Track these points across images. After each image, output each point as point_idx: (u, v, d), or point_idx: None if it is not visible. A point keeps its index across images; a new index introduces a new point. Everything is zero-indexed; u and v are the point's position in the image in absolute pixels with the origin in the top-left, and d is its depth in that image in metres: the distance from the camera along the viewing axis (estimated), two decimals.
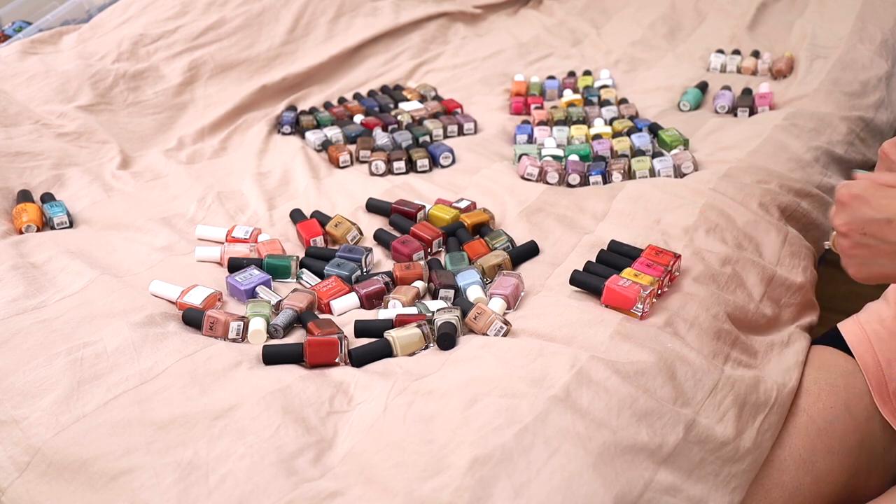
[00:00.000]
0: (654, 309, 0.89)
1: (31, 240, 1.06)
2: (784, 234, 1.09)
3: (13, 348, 0.84)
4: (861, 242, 0.68)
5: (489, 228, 1.09)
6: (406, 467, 0.68)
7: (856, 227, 0.69)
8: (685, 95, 1.50)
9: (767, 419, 0.82)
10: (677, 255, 0.95)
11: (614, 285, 0.88)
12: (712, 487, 0.74)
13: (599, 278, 0.91)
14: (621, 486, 0.68)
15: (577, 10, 2.02)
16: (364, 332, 0.89)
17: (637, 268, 0.93)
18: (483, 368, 0.78)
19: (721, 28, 1.83)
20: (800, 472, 0.84)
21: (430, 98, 1.56)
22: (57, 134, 1.33)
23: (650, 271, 0.92)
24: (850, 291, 1.15)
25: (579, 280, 0.93)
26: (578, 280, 0.93)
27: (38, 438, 0.73)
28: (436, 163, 1.30)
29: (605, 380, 0.76)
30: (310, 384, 0.79)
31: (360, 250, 1.04)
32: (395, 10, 1.85)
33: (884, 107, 1.48)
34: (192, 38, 1.60)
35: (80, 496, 0.69)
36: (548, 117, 1.43)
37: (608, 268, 0.95)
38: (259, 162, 1.34)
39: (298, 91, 1.60)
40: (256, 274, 0.99)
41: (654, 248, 0.96)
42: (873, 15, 1.74)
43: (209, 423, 0.73)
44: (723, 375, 0.81)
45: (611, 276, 0.91)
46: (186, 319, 0.91)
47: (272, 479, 0.68)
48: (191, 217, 1.17)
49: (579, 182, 1.21)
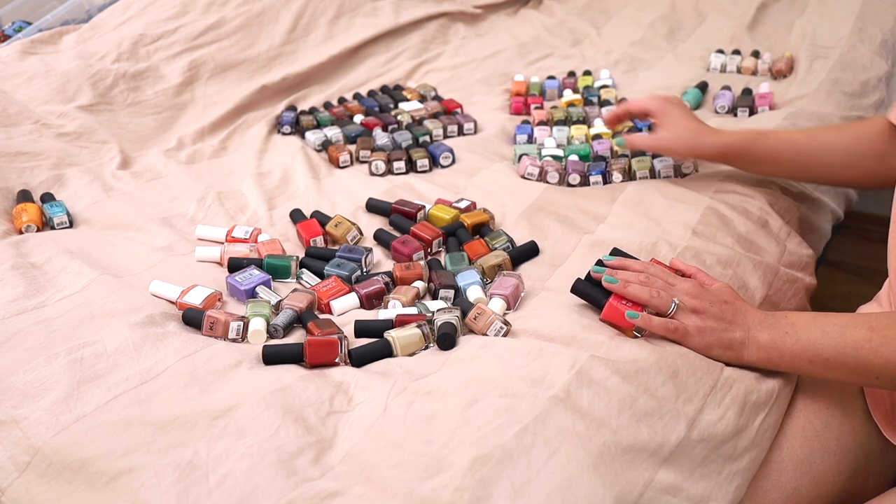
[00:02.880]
0: None
1: (31, 240, 1.06)
2: (784, 235, 1.09)
3: (13, 348, 0.84)
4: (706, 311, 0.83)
5: (489, 228, 1.09)
6: (406, 467, 0.68)
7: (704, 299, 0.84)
8: (685, 95, 1.50)
9: (767, 418, 0.82)
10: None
11: (617, 303, 0.85)
12: (715, 486, 0.74)
13: (602, 291, 0.88)
14: (622, 486, 0.68)
15: (577, 10, 2.02)
16: (364, 332, 0.89)
17: None
18: (483, 368, 0.78)
19: (721, 28, 1.83)
20: (797, 474, 0.84)
21: (430, 98, 1.56)
22: (57, 134, 1.33)
23: None
24: (850, 291, 1.15)
25: (582, 291, 0.90)
26: (581, 291, 0.90)
27: (38, 438, 0.73)
28: (436, 163, 1.30)
29: (606, 379, 0.76)
30: (310, 384, 0.79)
31: (360, 250, 1.04)
32: (395, 10, 1.85)
33: (884, 107, 1.48)
34: (192, 38, 1.60)
35: (80, 496, 0.69)
36: (548, 117, 1.43)
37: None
38: (259, 162, 1.34)
39: (298, 91, 1.60)
40: (256, 274, 0.99)
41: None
42: (873, 15, 1.74)
43: (209, 423, 0.73)
44: (723, 374, 0.81)
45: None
46: (186, 319, 0.91)
47: (272, 479, 0.68)
48: (191, 217, 1.16)
49: (579, 182, 1.21)
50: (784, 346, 0.81)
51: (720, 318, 0.83)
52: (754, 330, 0.82)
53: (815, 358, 0.79)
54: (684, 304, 0.83)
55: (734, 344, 0.82)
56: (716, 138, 1.11)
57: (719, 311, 0.83)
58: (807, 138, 1.10)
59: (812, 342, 0.80)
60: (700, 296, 0.84)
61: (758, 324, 0.83)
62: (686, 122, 1.13)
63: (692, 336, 0.83)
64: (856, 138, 1.06)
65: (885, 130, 1.04)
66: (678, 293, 0.84)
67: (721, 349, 0.82)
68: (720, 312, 0.83)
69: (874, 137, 1.05)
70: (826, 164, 1.08)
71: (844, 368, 0.79)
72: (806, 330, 0.80)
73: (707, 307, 0.83)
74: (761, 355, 0.82)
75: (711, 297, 0.84)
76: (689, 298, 0.84)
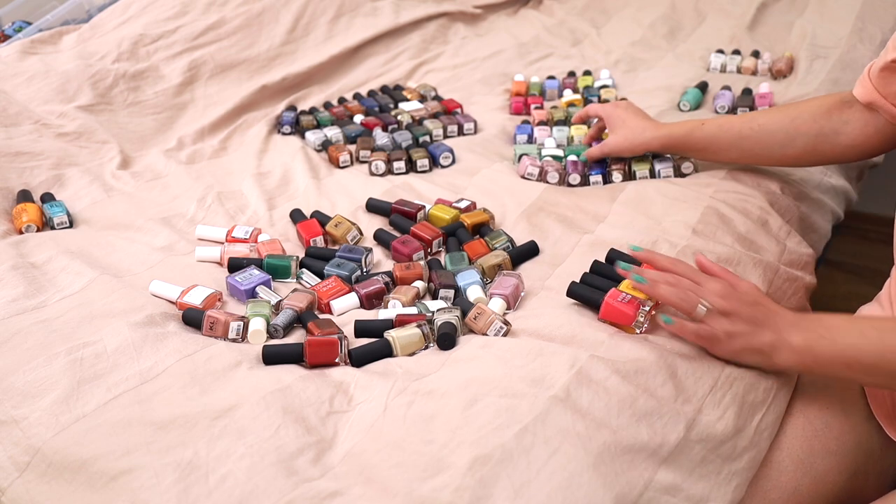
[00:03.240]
0: (653, 309, 0.89)
1: (31, 240, 1.07)
2: (784, 234, 1.09)
3: (13, 348, 0.84)
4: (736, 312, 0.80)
5: (489, 228, 1.09)
6: (406, 467, 0.68)
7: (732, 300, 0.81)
8: (685, 95, 1.50)
9: (765, 418, 0.82)
10: None
11: (613, 301, 0.85)
12: (714, 485, 0.75)
13: (597, 292, 0.88)
14: (621, 486, 0.68)
15: (577, 10, 2.02)
16: (364, 332, 0.89)
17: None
18: (483, 368, 0.78)
19: (721, 28, 1.83)
20: (798, 473, 0.84)
21: (430, 98, 1.56)
22: (57, 134, 1.33)
23: None
24: (850, 291, 1.15)
25: (577, 293, 0.90)
26: (576, 293, 0.90)
27: (38, 438, 0.73)
28: (436, 163, 1.30)
29: (605, 379, 0.76)
30: (310, 384, 0.79)
31: (360, 250, 1.04)
32: (395, 10, 1.85)
33: None
34: (192, 38, 1.60)
35: (80, 496, 0.69)
36: (548, 117, 1.43)
37: (606, 280, 0.92)
38: (259, 162, 1.34)
39: (298, 91, 1.60)
40: (256, 274, 0.99)
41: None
42: (873, 15, 1.74)
43: (209, 423, 0.73)
44: (723, 373, 0.81)
45: (609, 289, 0.88)
46: (186, 319, 0.91)
47: (272, 479, 0.68)
48: (191, 217, 1.17)
49: (579, 182, 1.21)
50: (819, 349, 0.77)
51: (750, 321, 0.79)
52: (785, 332, 0.79)
53: (853, 363, 0.76)
54: (714, 306, 0.80)
55: (765, 348, 0.79)
56: (658, 132, 1.16)
57: (750, 314, 0.80)
58: (745, 121, 1.12)
59: (850, 346, 0.76)
60: (729, 297, 0.81)
61: (789, 326, 0.79)
62: (631, 122, 1.19)
63: (722, 342, 0.80)
64: (794, 118, 1.08)
65: (831, 107, 1.06)
66: (707, 294, 0.81)
67: (751, 354, 0.80)
68: (751, 315, 0.80)
69: (817, 115, 1.07)
70: (764, 145, 1.11)
71: (884, 373, 0.76)
72: (843, 334, 0.77)
73: (737, 309, 0.80)
74: (795, 359, 0.79)
75: (741, 297, 0.81)
76: (719, 300, 0.80)
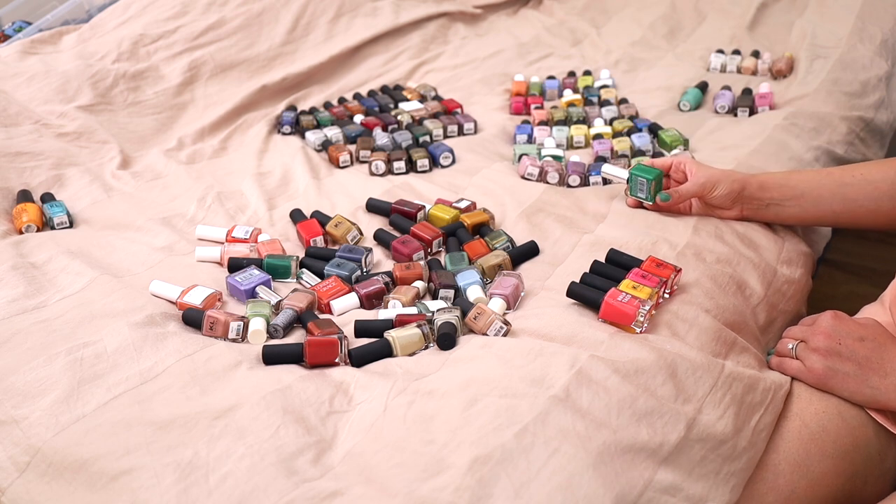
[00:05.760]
0: (652, 309, 0.89)
1: (31, 240, 1.06)
2: (784, 234, 1.09)
3: (13, 348, 0.84)
4: (835, 351, 0.79)
5: (489, 228, 1.09)
6: (406, 467, 0.68)
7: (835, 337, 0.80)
8: (685, 95, 1.50)
9: (763, 419, 0.82)
10: (678, 269, 0.92)
11: (613, 300, 0.85)
12: (713, 485, 0.74)
13: (597, 291, 0.88)
14: (621, 486, 0.68)
15: (577, 10, 2.02)
16: (364, 332, 0.89)
17: (634, 278, 0.90)
18: (483, 368, 0.78)
19: (721, 28, 1.83)
20: (794, 476, 0.84)
21: (430, 98, 1.56)
22: (57, 134, 1.33)
23: (647, 282, 0.89)
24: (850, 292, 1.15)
25: (577, 293, 0.90)
26: (576, 293, 0.90)
27: (38, 438, 0.73)
28: (436, 163, 1.30)
29: (605, 379, 0.76)
30: (310, 384, 0.79)
31: (360, 250, 1.04)
32: (395, 10, 1.85)
33: (884, 107, 1.48)
34: (192, 38, 1.60)
35: (80, 496, 0.69)
36: (548, 117, 1.43)
37: (606, 280, 0.92)
38: (259, 162, 1.34)
39: (298, 91, 1.61)
40: (256, 274, 0.99)
41: (655, 260, 0.93)
42: (873, 15, 1.74)
43: (209, 423, 0.73)
44: (723, 373, 0.81)
45: (609, 288, 0.88)
46: (186, 319, 0.91)
47: (272, 479, 0.68)
48: (191, 217, 1.16)
49: (579, 182, 1.21)
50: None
51: (851, 360, 0.77)
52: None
53: None
54: (809, 343, 0.80)
55: (878, 396, 0.76)
56: (751, 174, 1.05)
57: (850, 351, 0.77)
58: (845, 169, 1.01)
59: None
60: (832, 334, 0.79)
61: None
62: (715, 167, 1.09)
63: (831, 380, 0.79)
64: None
65: None
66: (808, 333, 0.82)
67: (863, 399, 0.79)
68: (851, 352, 0.77)
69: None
70: (868, 195, 0.97)
71: None
72: None
73: (836, 346, 0.77)
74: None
75: (845, 333, 0.78)
76: (819, 337, 0.80)
